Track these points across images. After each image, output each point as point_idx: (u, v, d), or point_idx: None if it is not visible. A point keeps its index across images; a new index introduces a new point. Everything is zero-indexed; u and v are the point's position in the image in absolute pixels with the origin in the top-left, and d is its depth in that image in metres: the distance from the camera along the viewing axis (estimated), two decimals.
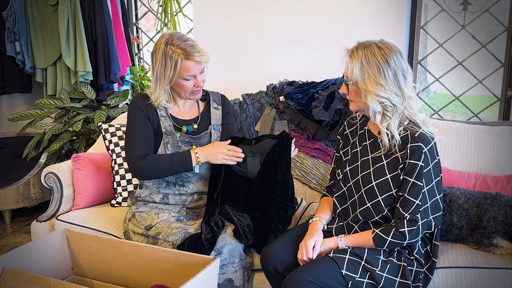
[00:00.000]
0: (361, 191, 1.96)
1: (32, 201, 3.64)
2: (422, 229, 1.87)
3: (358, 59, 1.87)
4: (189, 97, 2.25)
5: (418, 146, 1.84)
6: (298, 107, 2.81)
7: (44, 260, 2.02)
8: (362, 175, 1.97)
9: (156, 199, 2.32)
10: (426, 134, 1.87)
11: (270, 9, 3.26)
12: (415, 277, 1.90)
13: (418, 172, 1.84)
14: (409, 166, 1.85)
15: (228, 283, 2.09)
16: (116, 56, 3.73)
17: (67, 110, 3.66)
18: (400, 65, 1.87)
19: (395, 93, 1.86)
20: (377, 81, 1.85)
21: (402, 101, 1.87)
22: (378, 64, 1.85)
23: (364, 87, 1.86)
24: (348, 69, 1.90)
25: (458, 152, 2.58)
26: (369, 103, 1.87)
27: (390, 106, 1.87)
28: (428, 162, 1.85)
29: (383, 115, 1.88)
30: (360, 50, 1.88)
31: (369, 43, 1.90)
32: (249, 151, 2.25)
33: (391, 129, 1.88)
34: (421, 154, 1.83)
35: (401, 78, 1.86)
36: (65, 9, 3.57)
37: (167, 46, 2.13)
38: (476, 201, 2.19)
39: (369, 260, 1.87)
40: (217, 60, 3.35)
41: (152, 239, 2.17)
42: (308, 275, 1.81)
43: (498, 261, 2.05)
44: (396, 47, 1.90)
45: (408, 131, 1.88)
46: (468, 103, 3.39)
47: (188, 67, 2.13)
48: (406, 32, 3.16)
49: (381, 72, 1.85)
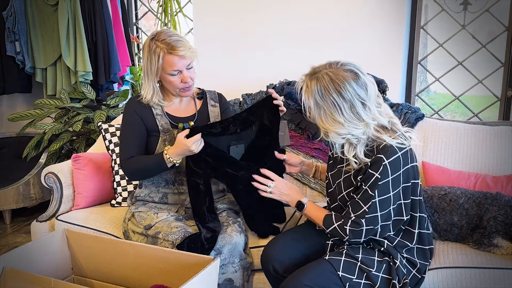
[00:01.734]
0: (337, 200, 1.99)
1: (32, 201, 3.64)
2: (367, 234, 1.86)
3: (312, 95, 1.80)
4: (180, 94, 2.24)
5: (379, 158, 1.80)
6: (298, 107, 2.81)
7: (44, 260, 2.02)
8: (337, 183, 1.99)
9: (156, 198, 2.33)
10: (392, 146, 1.81)
11: (270, 9, 3.26)
12: (402, 276, 1.89)
13: (373, 183, 1.81)
14: (367, 175, 1.83)
15: (228, 283, 2.09)
16: (116, 56, 3.73)
17: (67, 110, 3.66)
18: (356, 94, 1.77)
19: (354, 126, 1.80)
20: (334, 118, 1.79)
21: (365, 131, 1.82)
22: (332, 100, 1.77)
23: (323, 125, 1.83)
24: (305, 104, 1.85)
25: (458, 152, 2.58)
26: (332, 140, 1.85)
27: (354, 138, 1.83)
28: (387, 174, 1.81)
29: (349, 144, 1.86)
30: (313, 83, 1.80)
31: (321, 74, 1.80)
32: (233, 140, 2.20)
33: (359, 158, 1.85)
34: (380, 165, 1.80)
35: (359, 108, 1.78)
36: (65, 9, 3.57)
37: (152, 41, 2.14)
38: (477, 200, 2.19)
39: (365, 261, 1.87)
40: (217, 60, 3.37)
41: (152, 239, 2.17)
42: (306, 279, 1.82)
43: (498, 261, 2.05)
44: (351, 71, 1.79)
45: (374, 144, 1.84)
46: (468, 103, 3.39)
47: (172, 61, 2.12)
48: (406, 32, 3.16)
49: (337, 109, 1.77)
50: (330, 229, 1.91)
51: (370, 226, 1.85)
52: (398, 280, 1.87)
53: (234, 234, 2.17)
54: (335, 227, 1.90)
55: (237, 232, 2.19)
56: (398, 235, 1.94)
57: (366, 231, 1.85)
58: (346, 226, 1.86)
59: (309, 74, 1.85)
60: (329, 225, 1.92)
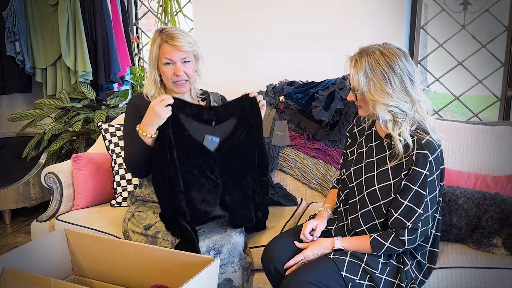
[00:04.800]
0: (363, 194, 1.93)
1: (32, 201, 3.64)
2: (420, 237, 1.85)
3: (362, 68, 1.81)
4: (173, 88, 2.21)
5: (424, 154, 1.79)
6: (298, 107, 2.81)
7: (44, 260, 2.02)
8: (366, 177, 1.94)
9: (156, 198, 2.32)
10: (433, 142, 1.82)
11: (270, 9, 3.26)
12: (410, 280, 1.88)
13: (423, 181, 1.79)
14: (413, 173, 1.80)
15: (227, 283, 2.09)
16: (116, 56, 3.73)
17: (67, 110, 3.66)
18: (406, 69, 1.79)
19: (403, 99, 1.80)
20: (383, 90, 1.79)
21: (411, 107, 1.81)
22: (383, 72, 1.78)
23: (371, 97, 1.81)
24: (353, 79, 1.84)
25: (458, 152, 2.58)
26: (378, 113, 1.83)
27: (400, 113, 1.81)
28: (433, 171, 1.81)
29: (394, 122, 1.83)
30: (364, 58, 1.81)
31: (371, 49, 1.82)
32: (210, 132, 2.18)
33: (404, 136, 1.82)
34: (427, 162, 1.79)
35: (408, 83, 1.80)
36: (65, 9, 3.57)
37: (157, 32, 2.20)
38: (476, 201, 2.19)
39: (369, 263, 1.86)
40: (217, 60, 3.37)
41: (152, 238, 2.17)
42: (308, 276, 1.81)
43: (498, 261, 2.05)
44: (400, 50, 1.83)
45: (415, 137, 1.83)
46: (468, 103, 3.39)
47: (166, 50, 2.15)
48: (406, 32, 3.16)
49: (386, 80, 1.78)
50: (383, 250, 1.85)
51: (424, 227, 1.83)
52: (406, 283, 1.86)
53: (234, 234, 2.17)
54: (388, 246, 1.84)
55: (237, 232, 2.19)
56: None
57: (421, 233, 1.83)
58: (404, 237, 1.82)
59: (357, 52, 1.86)
60: (380, 248, 1.85)
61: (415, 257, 1.93)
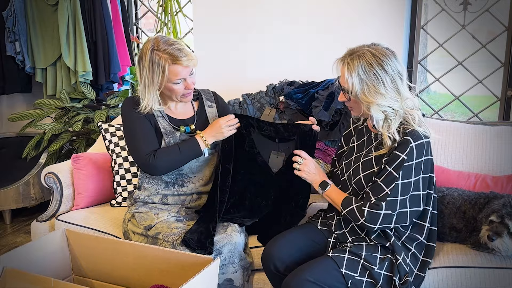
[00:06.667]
0: (352, 184, 2.00)
1: (32, 201, 3.64)
2: (383, 220, 1.86)
3: (355, 71, 1.85)
4: (181, 99, 2.22)
5: (406, 139, 1.85)
6: (298, 107, 2.81)
7: (44, 260, 2.02)
8: (353, 168, 2.01)
9: (155, 200, 2.32)
10: (418, 132, 1.87)
11: (270, 9, 3.26)
12: (404, 274, 1.89)
13: (398, 164, 1.84)
14: (392, 156, 1.86)
15: (228, 283, 2.09)
16: (116, 56, 3.73)
17: (67, 110, 3.67)
18: (396, 69, 1.86)
19: (395, 99, 1.86)
20: (377, 91, 1.84)
21: (401, 104, 1.88)
22: (376, 73, 1.84)
23: (365, 99, 1.86)
24: (347, 81, 1.88)
25: (458, 152, 2.58)
26: (372, 113, 1.88)
27: (392, 112, 1.88)
28: (412, 157, 1.84)
29: (386, 120, 1.89)
30: (355, 60, 1.85)
31: (362, 51, 1.86)
32: (275, 148, 2.26)
33: (392, 134, 1.88)
34: (407, 147, 1.84)
35: (398, 82, 1.87)
36: (65, 9, 3.57)
37: (153, 52, 2.10)
38: (472, 202, 2.18)
39: (368, 259, 1.88)
40: (217, 60, 3.37)
41: (152, 239, 2.17)
42: (308, 275, 1.82)
43: (498, 261, 2.05)
44: (389, 50, 1.88)
45: (401, 128, 1.89)
46: (468, 103, 3.39)
47: (177, 71, 2.11)
48: (406, 32, 3.16)
49: (380, 82, 1.84)
50: (347, 209, 1.92)
51: (388, 211, 1.85)
52: (399, 277, 1.87)
53: (234, 234, 2.17)
54: (353, 208, 1.90)
55: (237, 232, 2.19)
56: (408, 228, 1.96)
57: (384, 216, 1.85)
58: (365, 207, 1.87)
59: (347, 54, 1.89)
60: (347, 206, 1.93)
61: (409, 249, 1.95)
